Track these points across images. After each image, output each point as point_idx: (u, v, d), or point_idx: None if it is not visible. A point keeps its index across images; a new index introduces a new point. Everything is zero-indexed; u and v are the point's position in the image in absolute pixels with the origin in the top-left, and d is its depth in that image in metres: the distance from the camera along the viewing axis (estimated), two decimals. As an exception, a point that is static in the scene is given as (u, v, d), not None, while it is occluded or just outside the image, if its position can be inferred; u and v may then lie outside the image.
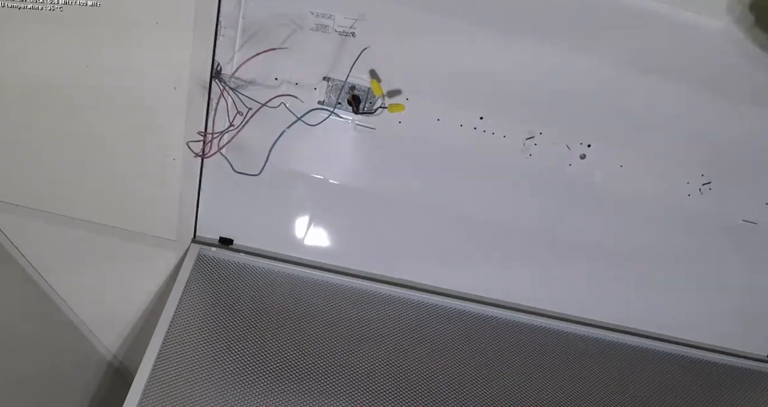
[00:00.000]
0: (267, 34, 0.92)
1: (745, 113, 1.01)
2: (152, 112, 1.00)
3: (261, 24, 0.92)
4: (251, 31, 0.92)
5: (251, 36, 0.92)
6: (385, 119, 1.00)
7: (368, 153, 1.05)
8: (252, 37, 0.92)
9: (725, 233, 1.14)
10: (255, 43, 0.93)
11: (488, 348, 1.16)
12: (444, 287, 1.21)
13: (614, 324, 1.27)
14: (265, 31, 0.92)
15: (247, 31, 0.92)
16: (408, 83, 0.97)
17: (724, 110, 1.00)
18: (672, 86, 0.98)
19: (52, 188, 1.10)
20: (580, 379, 1.16)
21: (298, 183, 1.08)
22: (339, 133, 1.02)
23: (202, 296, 1.08)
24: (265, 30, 0.92)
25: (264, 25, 0.92)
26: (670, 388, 1.21)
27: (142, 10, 0.90)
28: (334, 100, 0.97)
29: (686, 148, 1.05)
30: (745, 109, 1.01)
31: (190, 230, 1.14)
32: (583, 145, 1.04)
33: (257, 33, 0.92)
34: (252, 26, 0.92)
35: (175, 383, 0.93)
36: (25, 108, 1.01)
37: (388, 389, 1.03)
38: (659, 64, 0.95)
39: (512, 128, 1.02)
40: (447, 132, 1.01)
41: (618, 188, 1.08)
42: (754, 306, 1.26)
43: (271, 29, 0.92)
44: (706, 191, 1.09)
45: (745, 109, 1.01)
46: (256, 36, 0.92)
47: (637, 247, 1.16)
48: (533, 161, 1.05)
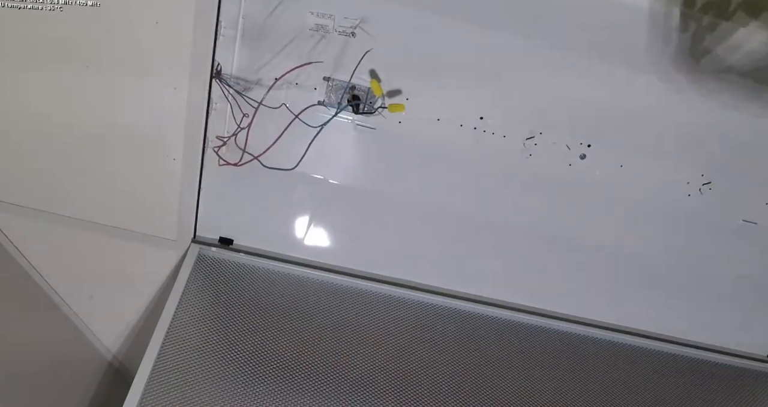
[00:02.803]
0: (267, 34, 0.92)
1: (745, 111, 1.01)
2: (152, 112, 0.99)
3: (261, 24, 0.92)
4: (251, 31, 0.92)
5: (251, 36, 0.92)
6: (385, 119, 1.00)
7: (368, 153, 1.05)
8: (252, 37, 0.92)
9: (725, 233, 1.14)
10: (255, 43, 0.93)
11: (488, 348, 1.16)
12: (444, 287, 1.21)
13: (614, 324, 1.27)
14: (265, 31, 0.92)
15: (247, 31, 0.92)
16: (408, 83, 0.97)
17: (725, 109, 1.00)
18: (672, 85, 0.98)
19: (52, 188, 1.10)
20: (579, 379, 1.16)
21: (298, 183, 1.08)
22: (339, 133, 1.02)
23: (202, 296, 1.08)
24: (265, 30, 0.92)
25: (264, 25, 0.92)
26: (670, 388, 1.21)
27: (142, 10, 0.90)
28: (335, 100, 0.97)
29: (686, 148, 1.05)
30: (745, 108, 1.01)
31: (190, 230, 1.14)
32: (583, 145, 1.04)
33: (257, 33, 0.92)
34: (252, 26, 0.92)
35: (175, 383, 0.93)
36: (25, 108, 1.01)
37: (388, 389, 1.03)
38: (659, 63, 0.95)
39: (512, 128, 1.02)
40: (447, 132, 1.01)
41: (618, 188, 1.08)
42: (754, 306, 1.26)
43: (271, 29, 0.92)
44: (706, 191, 1.09)
45: (745, 108, 1.01)
46: (256, 36, 0.92)
47: (637, 247, 1.16)
48: (533, 161, 1.04)
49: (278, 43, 0.93)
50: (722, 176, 1.08)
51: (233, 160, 1.01)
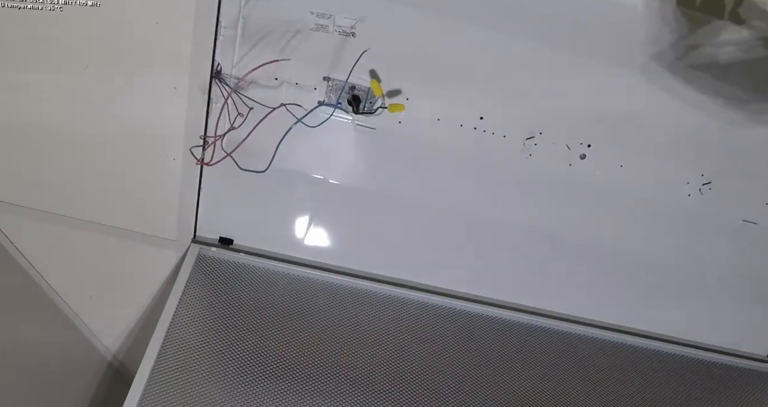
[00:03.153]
0: (267, 34, 0.92)
1: (745, 111, 1.01)
2: (152, 112, 0.99)
3: (261, 24, 0.92)
4: (251, 31, 0.92)
5: (251, 36, 0.92)
6: (385, 119, 1.00)
7: (368, 153, 1.05)
8: (252, 38, 0.92)
9: (725, 233, 1.14)
10: (255, 43, 0.93)
11: (488, 347, 1.16)
12: (444, 287, 1.21)
13: (614, 324, 1.27)
14: (265, 32, 0.92)
15: (247, 31, 0.92)
16: (408, 83, 0.97)
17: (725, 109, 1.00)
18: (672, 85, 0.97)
19: (52, 188, 1.10)
20: (579, 379, 1.16)
21: (298, 183, 1.08)
22: (339, 133, 1.02)
23: (202, 296, 1.08)
24: (265, 30, 0.92)
25: (264, 25, 0.92)
26: (670, 388, 1.21)
27: (142, 10, 0.90)
28: (335, 100, 0.97)
29: (686, 148, 1.05)
30: (745, 107, 1.01)
31: (190, 230, 1.14)
32: (583, 145, 1.04)
33: (257, 33, 0.92)
34: (252, 26, 0.92)
35: (175, 383, 0.93)
36: (25, 108, 1.01)
37: (388, 389, 1.03)
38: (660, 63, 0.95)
39: (512, 128, 1.02)
40: (447, 132, 1.01)
41: (618, 188, 1.08)
42: (753, 306, 1.26)
43: (271, 29, 0.92)
44: (706, 191, 1.09)
45: (745, 107, 1.01)
46: (256, 36, 0.92)
47: (637, 247, 1.16)
48: (533, 161, 1.05)
49: (278, 43, 0.93)
50: (722, 176, 1.08)
51: (211, 159, 1.01)
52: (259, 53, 0.93)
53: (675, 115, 1.01)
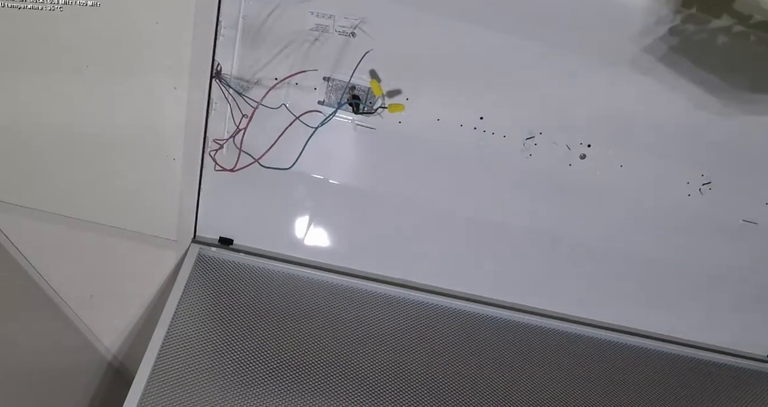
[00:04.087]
0: (267, 34, 0.92)
1: (745, 111, 1.01)
2: (152, 112, 0.99)
3: (261, 24, 0.91)
4: (251, 31, 0.92)
5: (251, 36, 0.92)
6: (385, 119, 1.00)
7: (368, 153, 1.05)
8: (252, 37, 0.92)
9: (725, 233, 1.14)
10: (255, 43, 0.93)
11: (488, 347, 1.16)
12: (444, 287, 1.22)
13: (614, 324, 1.27)
14: (266, 32, 0.92)
15: (247, 31, 0.92)
16: (408, 83, 0.97)
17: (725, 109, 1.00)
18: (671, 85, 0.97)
19: (52, 188, 1.10)
20: (579, 379, 1.16)
21: (298, 183, 1.08)
22: (339, 133, 1.02)
23: (202, 296, 1.08)
24: (266, 30, 0.92)
25: (264, 26, 0.92)
26: (670, 388, 1.21)
27: (142, 10, 0.90)
28: (335, 101, 0.97)
29: (686, 148, 1.05)
30: (746, 107, 1.01)
31: (190, 230, 1.14)
32: (583, 145, 1.04)
33: (257, 33, 0.92)
34: (252, 26, 0.92)
35: (175, 382, 0.93)
36: (25, 108, 1.01)
37: (388, 388, 1.03)
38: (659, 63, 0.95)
39: (512, 128, 1.02)
40: (447, 132, 1.01)
41: (618, 188, 1.08)
42: (754, 306, 1.26)
43: (271, 30, 0.92)
44: (706, 191, 1.09)
45: (746, 107, 1.01)
46: (256, 36, 0.92)
47: (637, 247, 1.16)
48: (533, 161, 1.05)
49: (278, 44, 0.93)
50: (722, 176, 1.08)
51: (229, 165, 1.01)
52: (259, 54, 0.94)
53: (675, 115, 1.01)
